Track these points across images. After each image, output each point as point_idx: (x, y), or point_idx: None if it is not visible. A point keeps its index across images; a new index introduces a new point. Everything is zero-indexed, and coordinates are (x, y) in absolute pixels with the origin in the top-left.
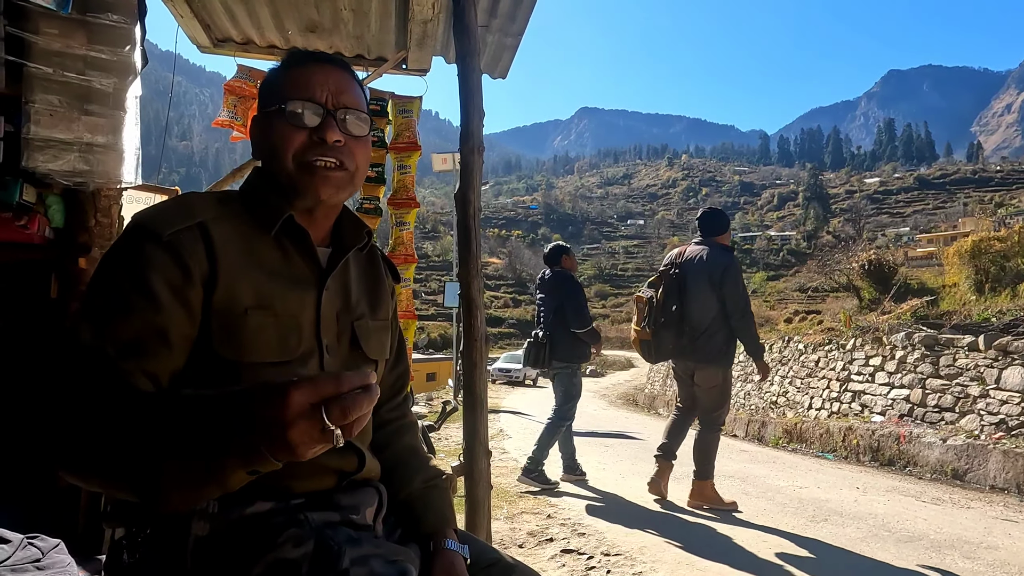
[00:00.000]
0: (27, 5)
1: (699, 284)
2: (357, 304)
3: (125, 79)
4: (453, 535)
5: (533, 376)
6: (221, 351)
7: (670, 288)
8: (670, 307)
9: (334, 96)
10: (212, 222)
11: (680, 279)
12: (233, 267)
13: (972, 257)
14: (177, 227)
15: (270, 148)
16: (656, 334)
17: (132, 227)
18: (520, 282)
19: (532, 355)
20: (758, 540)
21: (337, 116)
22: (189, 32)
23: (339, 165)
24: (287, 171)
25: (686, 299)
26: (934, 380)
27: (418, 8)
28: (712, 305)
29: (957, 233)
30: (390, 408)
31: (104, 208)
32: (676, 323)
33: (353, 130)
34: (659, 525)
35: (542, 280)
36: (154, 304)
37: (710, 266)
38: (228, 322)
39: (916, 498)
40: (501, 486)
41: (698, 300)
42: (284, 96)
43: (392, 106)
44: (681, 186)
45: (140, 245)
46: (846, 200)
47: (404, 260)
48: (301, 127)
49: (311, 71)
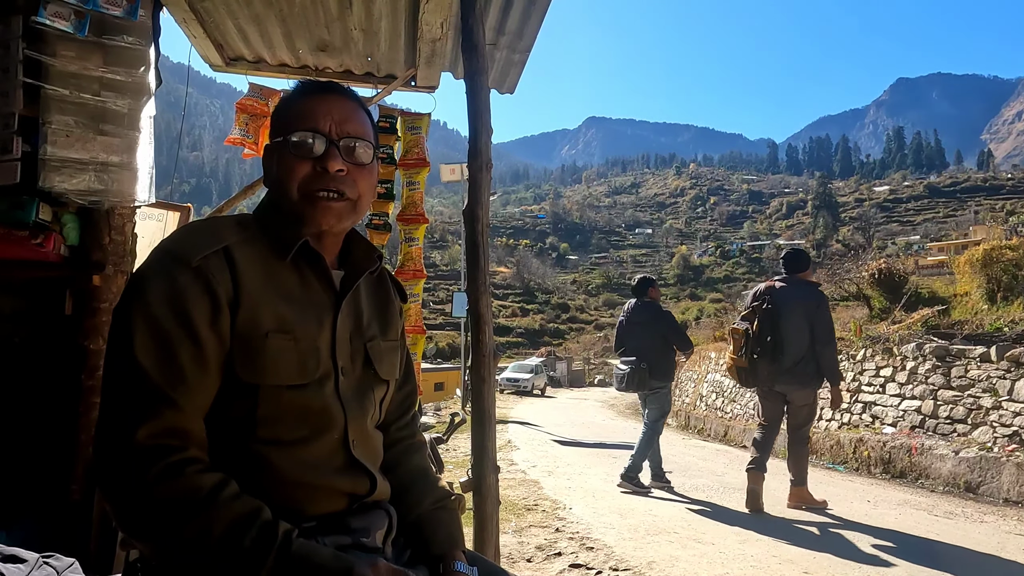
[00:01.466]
0: (45, 28)
1: (794, 316)
2: (369, 325)
3: (140, 100)
4: (462, 557)
5: (541, 386)
6: (242, 374)
7: (764, 321)
8: (764, 338)
9: (338, 125)
10: (235, 246)
11: (773, 312)
12: (255, 291)
13: (984, 266)
14: (205, 252)
15: (277, 178)
16: (752, 363)
17: (161, 254)
18: (528, 291)
19: (636, 380)
20: (768, 555)
21: (340, 145)
22: (202, 52)
23: (340, 195)
24: (292, 201)
25: (780, 330)
26: (946, 391)
27: (427, 27)
28: (806, 335)
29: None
30: (399, 427)
31: (118, 226)
32: (771, 352)
33: (357, 158)
34: (667, 540)
35: (632, 310)
36: (193, 336)
37: (804, 300)
38: (249, 346)
39: (928, 511)
40: (509, 498)
41: (793, 331)
42: (290, 127)
43: (401, 123)
44: (689, 195)
45: (172, 273)
46: (855, 208)
47: (413, 275)
48: (305, 157)
49: (316, 102)
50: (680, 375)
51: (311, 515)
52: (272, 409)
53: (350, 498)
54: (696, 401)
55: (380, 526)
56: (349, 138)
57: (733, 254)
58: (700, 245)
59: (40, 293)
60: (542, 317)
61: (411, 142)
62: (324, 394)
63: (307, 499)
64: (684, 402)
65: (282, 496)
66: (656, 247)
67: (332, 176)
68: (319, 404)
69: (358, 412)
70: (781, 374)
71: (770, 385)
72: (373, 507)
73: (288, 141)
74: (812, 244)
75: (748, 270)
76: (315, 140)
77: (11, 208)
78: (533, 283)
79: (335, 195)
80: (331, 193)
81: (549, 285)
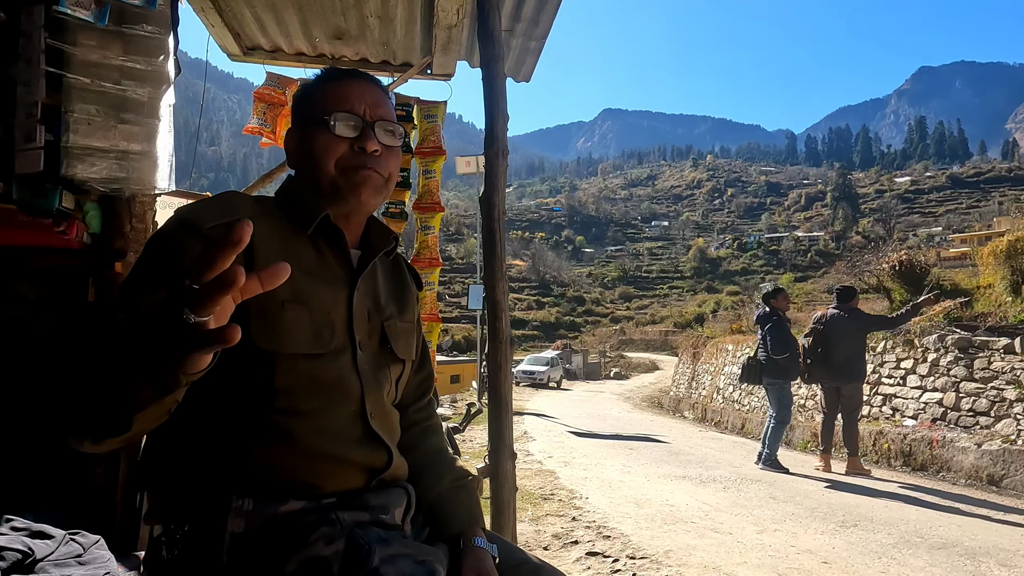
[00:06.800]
0: (66, 18)
1: (844, 333)
2: (386, 305)
3: (159, 88)
4: (482, 534)
5: (557, 379)
6: (259, 342)
7: (816, 338)
8: (815, 350)
9: (371, 109)
10: (251, 219)
11: (825, 333)
12: (270, 263)
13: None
14: (216, 221)
15: (311, 157)
16: (807, 366)
17: (175, 221)
18: (544, 284)
19: (748, 373)
20: (786, 544)
21: (375, 128)
22: (220, 41)
23: (378, 172)
24: (330, 177)
25: (830, 344)
26: (968, 383)
27: (443, 14)
28: (855, 345)
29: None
30: (416, 409)
31: (139, 214)
32: (822, 360)
33: (387, 141)
34: (684, 529)
35: (758, 316)
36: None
37: (857, 322)
38: (266, 315)
39: (949, 504)
40: (526, 488)
41: (842, 343)
42: (326, 108)
43: (417, 111)
44: (706, 187)
45: (180, 237)
46: (876, 200)
47: (429, 264)
48: (343, 137)
49: (349, 86)
50: (697, 368)
51: (330, 491)
52: (289, 378)
53: (368, 473)
54: (713, 394)
55: (399, 504)
56: (383, 121)
57: (751, 246)
58: (717, 237)
59: (63, 280)
60: (558, 310)
61: (427, 130)
62: (339, 365)
63: (326, 472)
64: (701, 395)
65: (302, 469)
66: (673, 240)
67: (369, 156)
68: (334, 375)
69: (374, 386)
70: (833, 373)
71: (827, 381)
72: (392, 485)
73: (325, 121)
74: (831, 236)
75: (766, 262)
76: (352, 122)
77: (34, 196)
78: (549, 276)
79: (373, 171)
80: (369, 169)
81: (565, 278)
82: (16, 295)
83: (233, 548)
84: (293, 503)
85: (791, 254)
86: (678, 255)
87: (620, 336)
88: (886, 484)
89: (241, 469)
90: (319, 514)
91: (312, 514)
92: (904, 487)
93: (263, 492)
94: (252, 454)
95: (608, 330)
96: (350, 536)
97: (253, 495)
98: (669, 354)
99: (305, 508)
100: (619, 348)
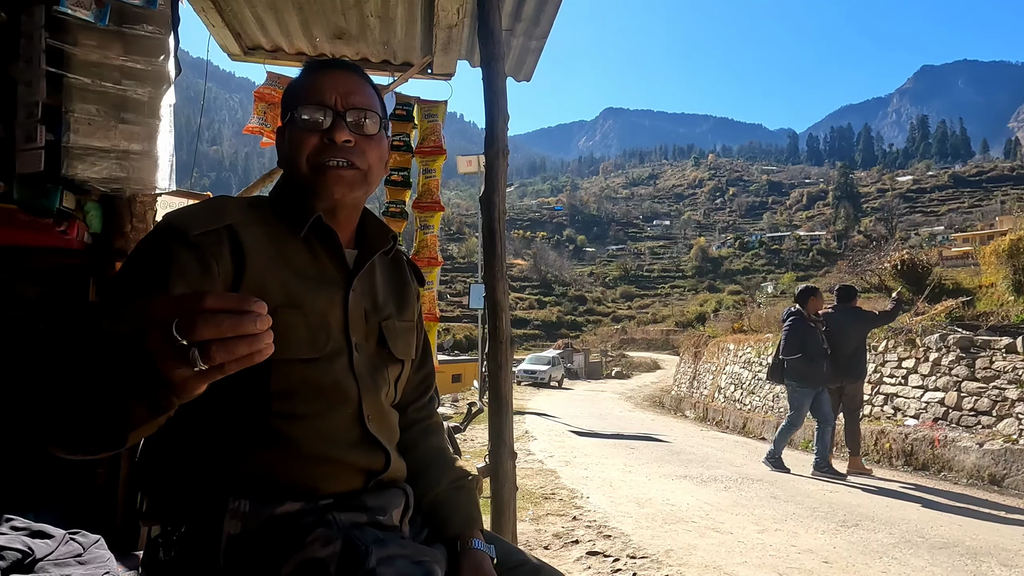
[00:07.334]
0: (66, 18)
1: (849, 332)
2: (384, 305)
3: (159, 88)
4: (480, 535)
5: (558, 378)
6: None
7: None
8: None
9: (343, 98)
10: (241, 226)
11: (828, 332)
12: (262, 268)
13: (1010, 256)
14: (205, 228)
15: (288, 154)
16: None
17: (162, 226)
18: (545, 283)
19: (770, 371)
20: (787, 544)
21: (346, 117)
22: (220, 41)
23: (350, 164)
24: (303, 174)
25: (833, 344)
26: (970, 383)
27: (443, 14)
28: (857, 343)
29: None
30: (416, 409)
31: (140, 214)
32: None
33: (364, 129)
34: (685, 529)
35: (783, 314)
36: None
37: (859, 320)
38: None
39: (950, 503)
40: (527, 487)
41: (844, 342)
42: (297, 103)
43: (418, 110)
44: (708, 186)
45: (167, 243)
46: (878, 199)
47: (428, 263)
48: (313, 130)
49: (322, 77)
50: (698, 367)
51: (328, 493)
52: (285, 383)
53: (366, 475)
54: (714, 393)
55: (397, 505)
56: (355, 110)
57: (752, 246)
58: (719, 237)
59: (64, 280)
60: (559, 309)
61: (427, 130)
62: (335, 369)
63: (324, 475)
64: (702, 394)
65: (299, 472)
66: (674, 239)
67: (340, 147)
68: (330, 379)
69: (372, 388)
70: (836, 372)
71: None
72: (390, 486)
73: (295, 117)
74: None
75: (767, 262)
76: (321, 113)
77: (36, 196)
78: (550, 275)
79: (344, 164)
80: (340, 162)
81: (566, 277)
82: (17, 295)
83: (230, 549)
84: (290, 504)
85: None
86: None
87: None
88: (887, 483)
89: (238, 471)
90: (316, 515)
91: (309, 515)
92: (905, 487)
93: (260, 494)
94: (249, 457)
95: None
96: (347, 537)
97: (250, 497)
98: (671, 353)
99: (302, 509)
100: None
